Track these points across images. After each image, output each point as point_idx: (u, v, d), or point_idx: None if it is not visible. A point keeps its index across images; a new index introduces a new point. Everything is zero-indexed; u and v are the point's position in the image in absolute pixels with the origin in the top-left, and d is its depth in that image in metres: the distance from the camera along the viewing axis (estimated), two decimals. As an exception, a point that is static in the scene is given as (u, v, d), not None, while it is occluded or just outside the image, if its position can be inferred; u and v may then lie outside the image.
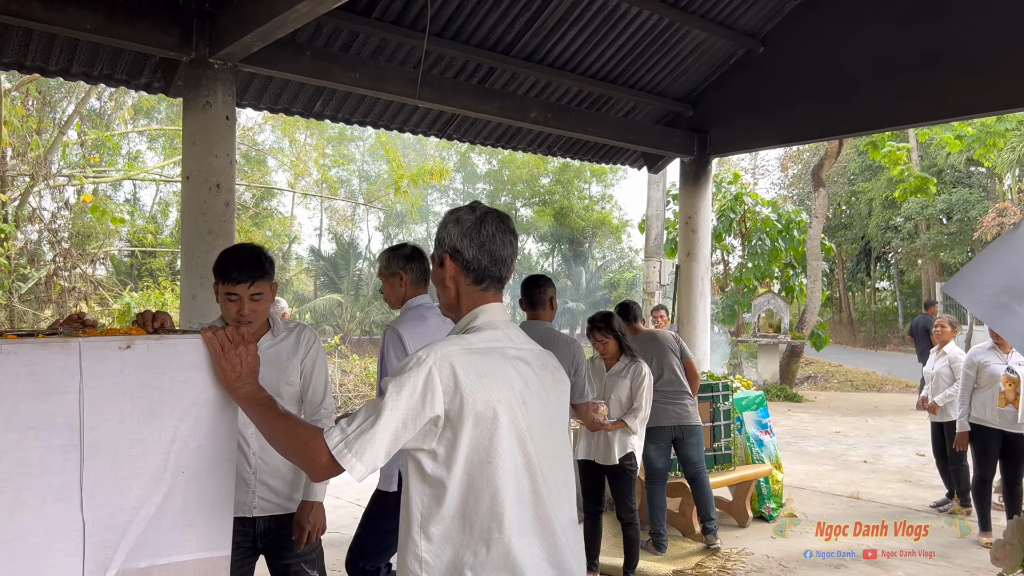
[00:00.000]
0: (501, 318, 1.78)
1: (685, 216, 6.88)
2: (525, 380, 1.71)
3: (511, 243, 1.80)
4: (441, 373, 1.62)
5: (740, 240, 18.30)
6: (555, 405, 1.77)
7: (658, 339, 5.44)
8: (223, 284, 2.61)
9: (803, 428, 11.70)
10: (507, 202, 47.31)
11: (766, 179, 39.17)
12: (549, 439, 1.73)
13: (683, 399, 5.27)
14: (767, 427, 6.45)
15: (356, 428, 1.59)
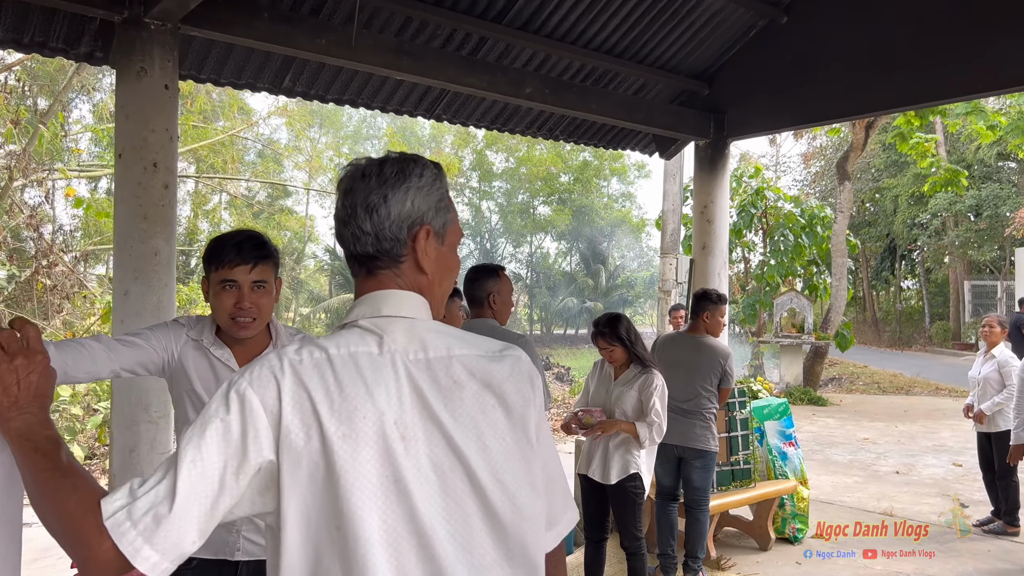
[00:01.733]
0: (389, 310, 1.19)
1: (700, 205, 6.25)
2: (418, 404, 1.12)
3: (344, 205, 1.23)
4: (264, 398, 1.06)
5: (762, 236, 17.59)
6: (492, 442, 1.14)
7: (710, 351, 4.74)
8: (217, 270, 2.14)
9: (829, 435, 11.01)
10: (524, 200, 46.75)
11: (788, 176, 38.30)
12: (466, 496, 1.11)
13: (693, 419, 4.64)
14: (791, 438, 5.82)
15: (147, 493, 1.01)
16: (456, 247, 1.32)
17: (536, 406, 1.21)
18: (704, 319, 4.81)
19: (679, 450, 4.65)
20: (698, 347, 4.75)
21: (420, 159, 1.25)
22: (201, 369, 2.19)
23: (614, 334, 4.09)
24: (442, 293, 1.29)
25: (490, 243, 46.93)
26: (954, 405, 13.95)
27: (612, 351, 4.11)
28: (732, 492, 5.28)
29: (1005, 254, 27.54)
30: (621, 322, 4.15)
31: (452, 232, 1.30)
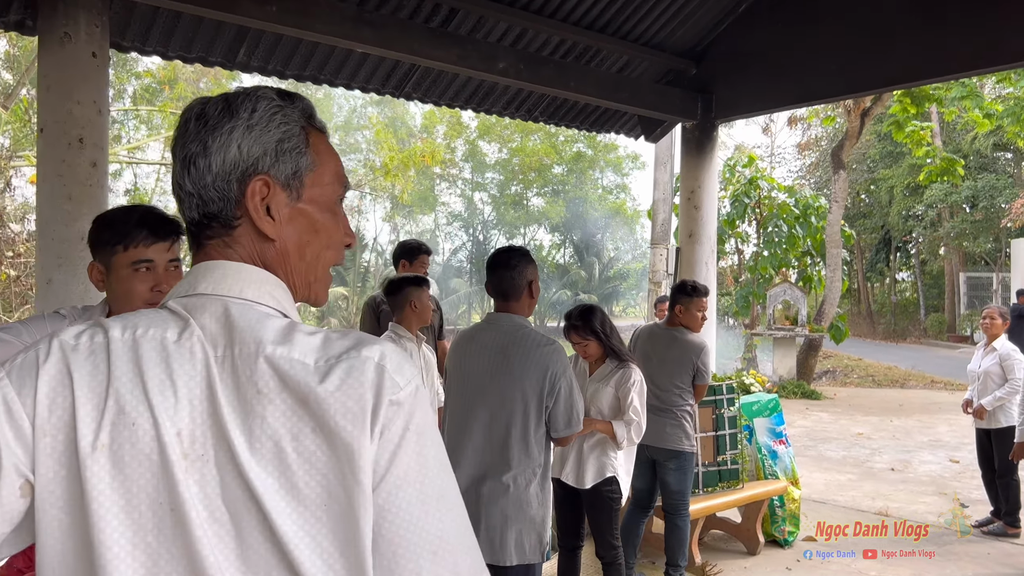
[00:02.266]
0: (206, 287, 0.87)
1: (687, 191, 5.93)
2: (211, 415, 0.80)
3: (173, 163, 0.92)
4: (21, 393, 0.80)
5: (755, 227, 17.30)
6: (303, 482, 0.81)
7: (683, 345, 4.42)
8: (126, 249, 1.84)
9: (822, 429, 10.72)
10: (518, 192, 46.42)
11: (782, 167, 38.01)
12: (264, 552, 0.78)
13: (664, 417, 4.33)
14: (782, 436, 5.51)
15: None
16: (332, 204, 0.98)
17: (382, 436, 0.84)
18: (677, 312, 4.50)
19: (651, 451, 4.35)
20: (672, 341, 4.44)
21: (258, 90, 0.92)
22: None
23: (588, 327, 3.77)
24: (309, 268, 0.96)
25: (483, 234, 46.57)
26: (950, 399, 13.70)
27: (586, 345, 3.80)
28: (719, 494, 4.97)
29: (1001, 245, 27.31)
30: (595, 314, 3.84)
31: (317, 183, 0.95)
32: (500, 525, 2.78)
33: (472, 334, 3.02)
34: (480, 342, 2.90)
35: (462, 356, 2.95)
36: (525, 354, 2.77)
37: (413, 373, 0.87)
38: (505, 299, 2.90)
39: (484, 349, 2.86)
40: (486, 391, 2.82)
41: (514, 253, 2.95)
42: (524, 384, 2.75)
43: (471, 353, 2.90)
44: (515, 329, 2.86)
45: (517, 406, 2.77)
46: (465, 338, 3.03)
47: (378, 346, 0.87)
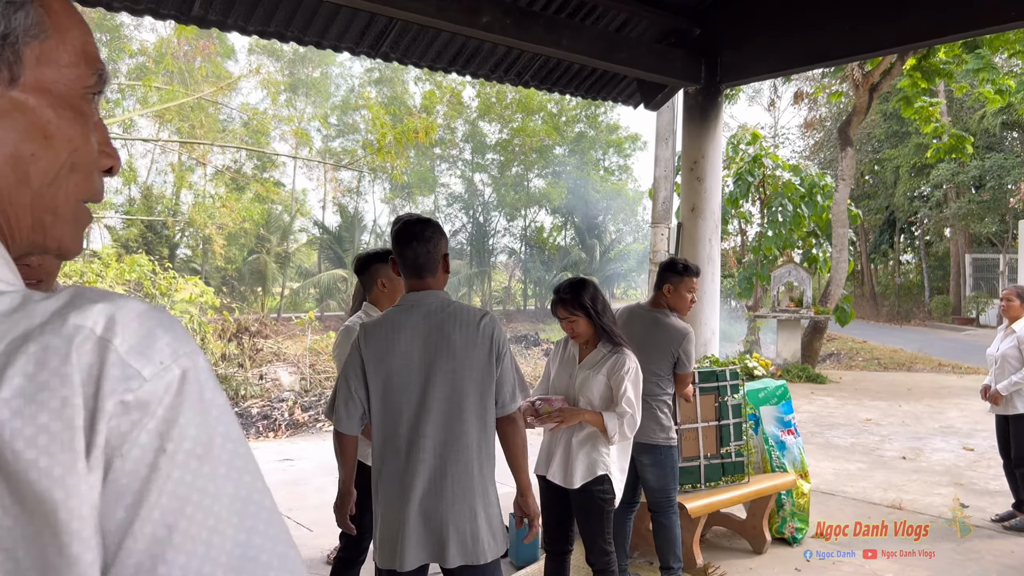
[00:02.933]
0: None
1: (689, 162, 5.49)
2: None
3: None
4: None
5: (759, 207, 16.84)
6: None
7: (666, 329, 3.96)
8: None
9: (828, 415, 10.34)
10: (518, 173, 45.96)
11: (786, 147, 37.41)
12: None
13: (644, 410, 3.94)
14: (791, 425, 5.12)
15: None
16: (75, 98, 0.61)
17: (112, 468, 0.48)
18: (665, 292, 4.04)
19: None
20: (654, 324, 4.00)
21: None
22: None
23: (576, 301, 3.36)
24: (37, 196, 0.59)
25: (483, 216, 46.10)
26: (959, 383, 13.31)
27: (574, 323, 3.38)
28: (722, 489, 4.59)
29: (1008, 226, 26.82)
30: (586, 288, 3.42)
31: (47, 60, 0.58)
32: (471, 522, 2.44)
33: (392, 321, 2.55)
34: (407, 328, 2.50)
35: (385, 350, 2.51)
36: (467, 327, 2.47)
37: (176, 349, 0.50)
38: (421, 275, 2.54)
39: (415, 334, 2.48)
40: (431, 381, 2.45)
41: (427, 225, 2.58)
42: (473, 361, 2.45)
43: (398, 343, 2.50)
44: (445, 305, 2.53)
45: (470, 387, 2.45)
46: (383, 327, 2.56)
47: (105, 305, 0.49)
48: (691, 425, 4.59)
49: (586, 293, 3.39)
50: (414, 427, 2.45)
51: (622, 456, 3.45)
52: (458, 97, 45.52)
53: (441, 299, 2.53)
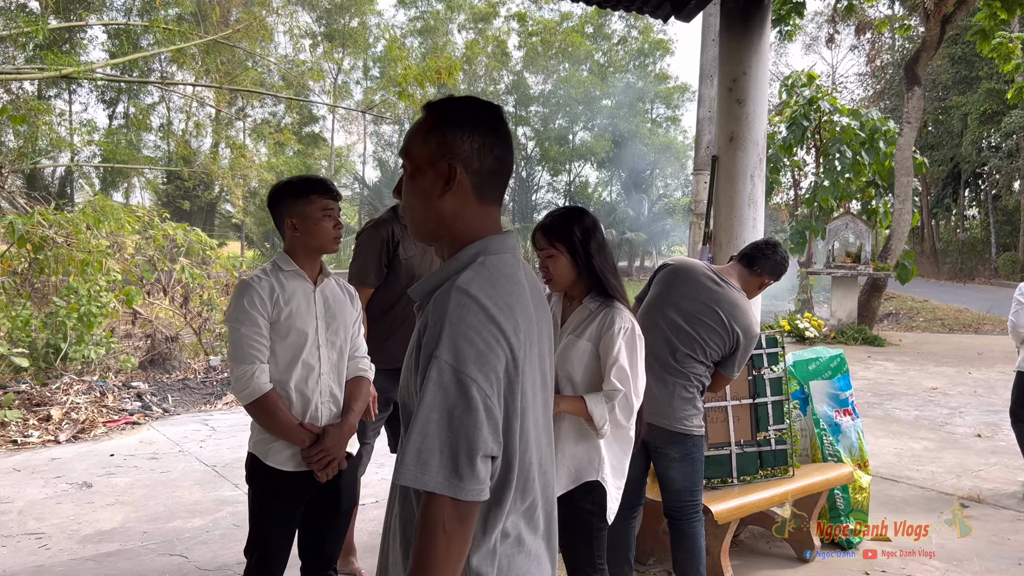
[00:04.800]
0: None
1: (728, 79, 4.49)
2: None
3: None
4: None
5: (815, 154, 15.53)
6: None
7: (732, 315, 3.08)
8: (321, 198, 2.40)
9: (888, 382, 9.27)
10: (562, 126, 44.67)
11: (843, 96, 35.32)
12: None
13: (672, 384, 3.06)
14: (848, 404, 4.16)
15: None
16: None
17: None
18: (754, 272, 3.24)
19: (643, 428, 3.09)
20: (719, 300, 3.09)
21: None
22: None
23: (559, 231, 2.46)
24: None
25: (526, 171, 44.96)
26: (1036, 347, 12.07)
27: (551, 260, 2.48)
28: (760, 485, 3.67)
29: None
30: (579, 218, 2.50)
31: None
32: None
33: (516, 278, 1.70)
34: (528, 288, 1.68)
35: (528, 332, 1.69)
36: None
37: None
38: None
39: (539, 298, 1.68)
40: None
41: None
42: None
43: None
44: None
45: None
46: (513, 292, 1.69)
47: None
48: (718, 404, 3.68)
49: (577, 224, 2.48)
50: None
51: (619, 454, 2.55)
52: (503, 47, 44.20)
53: None
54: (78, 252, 7.44)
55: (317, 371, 2.37)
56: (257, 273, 2.38)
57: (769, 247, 3.30)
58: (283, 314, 2.31)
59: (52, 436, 6.20)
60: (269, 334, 2.31)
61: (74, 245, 7.58)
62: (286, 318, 2.32)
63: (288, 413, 2.30)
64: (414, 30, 42.01)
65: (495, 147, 1.34)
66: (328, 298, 2.45)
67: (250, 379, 2.26)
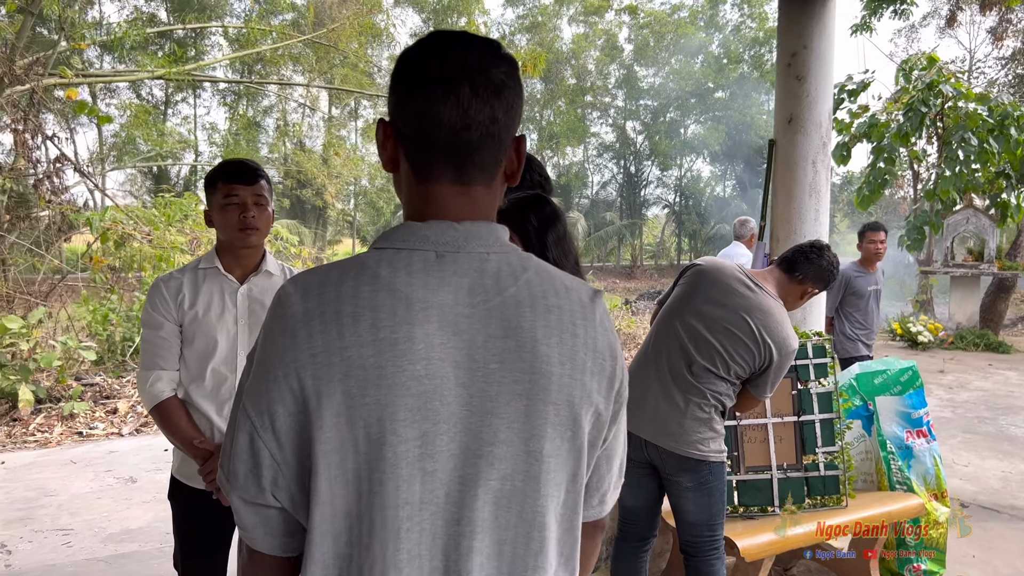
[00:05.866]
0: None
1: (786, 55, 3.99)
2: None
3: None
4: None
5: (937, 144, 14.31)
6: None
7: (770, 323, 2.66)
8: (226, 184, 2.10)
9: (1007, 394, 8.32)
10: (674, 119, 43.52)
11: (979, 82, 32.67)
12: None
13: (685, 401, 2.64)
14: (922, 423, 3.60)
15: None
16: None
17: None
18: (794, 278, 2.80)
19: (653, 451, 2.69)
20: (750, 308, 2.66)
21: None
22: None
23: (512, 219, 2.12)
24: None
25: (635, 166, 44.12)
26: None
27: None
28: (807, 515, 3.19)
29: None
30: (536, 206, 2.14)
31: None
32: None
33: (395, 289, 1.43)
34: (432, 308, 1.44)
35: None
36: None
37: None
38: (468, 178, 1.39)
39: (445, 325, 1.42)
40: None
41: (502, 61, 1.32)
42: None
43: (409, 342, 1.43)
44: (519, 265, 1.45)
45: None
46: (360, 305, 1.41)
47: None
48: (756, 421, 3.22)
49: (534, 212, 2.13)
50: None
51: None
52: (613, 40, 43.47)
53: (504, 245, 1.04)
54: (155, 247, 7.59)
55: (232, 382, 2.10)
56: (173, 272, 2.15)
57: (814, 250, 2.84)
58: (188, 318, 2.07)
59: (116, 429, 6.31)
60: (180, 338, 2.07)
61: (154, 240, 7.74)
62: (191, 322, 2.07)
63: (186, 426, 2.05)
64: (522, 27, 41.94)
65: (414, 98, 0.93)
66: (257, 299, 2.18)
67: (148, 386, 2.04)
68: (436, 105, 0.91)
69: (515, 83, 0.96)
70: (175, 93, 32.55)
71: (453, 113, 0.92)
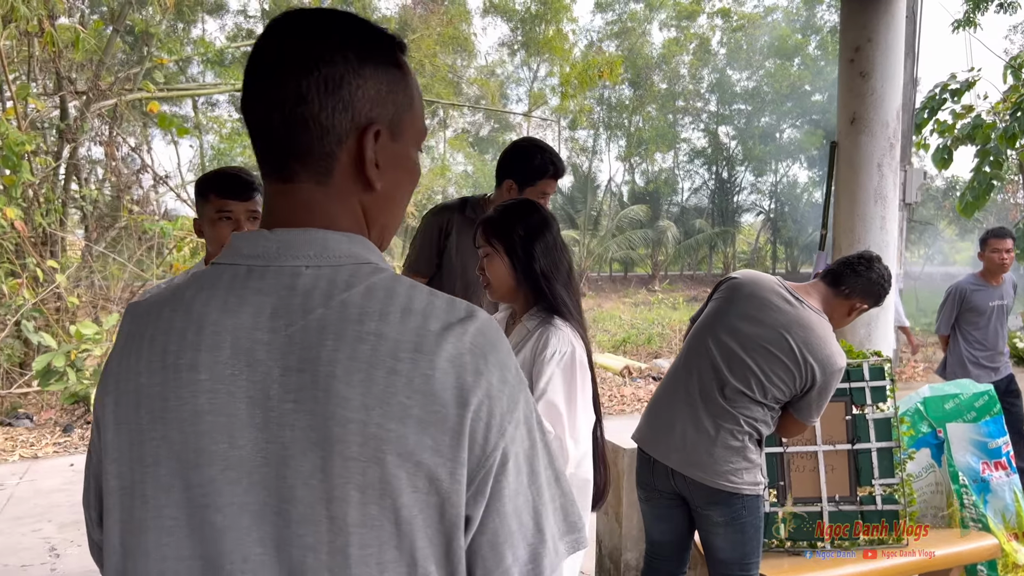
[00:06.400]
0: None
1: (849, 49, 3.68)
2: None
3: None
4: None
5: (1049, 145, 13.30)
6: None
7: (806, 345, 2.41)
8: (218, 198, 2.03)
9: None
10: (769, 123, 42.33)
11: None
12: None
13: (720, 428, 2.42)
14: (1001, 454, 3.24)
15: None
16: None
17: None
18: (839, 292, 2.56)
19: (680, 481, 2.47)
20: (789, 324, 2.42)
21: None
22: None
23: (499, 226, 1.98)
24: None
25: (727, 172, 43.08)
26: None
27: (489, 260, 2.00)
28: (863, 555, 2.91)
29: None
30: (525, 213, 1.99)
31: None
32: None
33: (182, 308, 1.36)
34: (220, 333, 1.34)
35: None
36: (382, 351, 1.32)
37: None
38: (287, 173, 1.28)
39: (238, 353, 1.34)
40: None
41: (324, 18, 1.23)
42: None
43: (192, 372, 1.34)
44: (345, 281, 1.37)
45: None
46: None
47: None
48: (805, 448, 2.95)
49: (522, 220, 1.98)
50: None
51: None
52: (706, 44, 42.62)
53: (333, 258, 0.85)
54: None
55: None
56: (161, 285, 2.09)
57: (862, 262, 2.58)
58: None
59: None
60: None
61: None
62: None
63: None
64: (610, 33, 41.63)
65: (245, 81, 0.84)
66: None
67: None
68: (247, 86, 0.81)
69: (345, 59, 0.79)
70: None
71: (256, 91, 0.80)
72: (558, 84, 12.90)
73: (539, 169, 2.66)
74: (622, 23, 41.61)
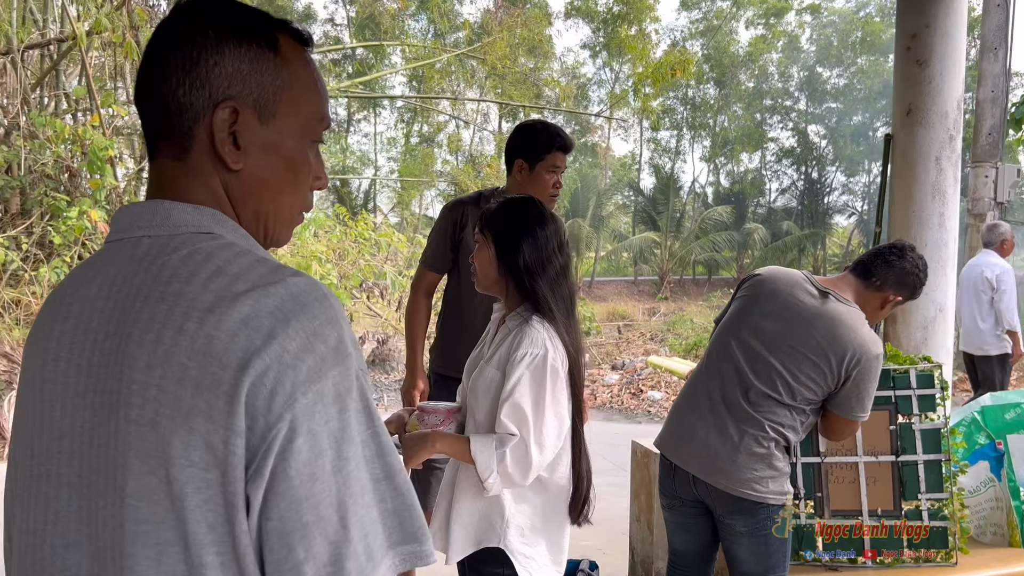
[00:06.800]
0: None
1: (906, 36, 3.47)
2: None
3: None
4: None
5: None
6: None
7: (834, 339, 2.27)
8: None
9: None
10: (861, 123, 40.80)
11: None
12: None
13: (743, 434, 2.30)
14: (1068, 469, 3.00)
15: None
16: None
17: None
18: (871, 284, 2.42)
19: (702, 488, 2.36)
20: (814, 318, 2.30)
21: None
22: None
23: (492, 218, 1.94)
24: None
25: (817, 172, 41.72)
26: None
27: (478, 249, 1.96)
28: (906, 571, 2.73)
29: None
30: (521, 207, 1.94)
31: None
32: None
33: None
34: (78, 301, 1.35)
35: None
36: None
37: None
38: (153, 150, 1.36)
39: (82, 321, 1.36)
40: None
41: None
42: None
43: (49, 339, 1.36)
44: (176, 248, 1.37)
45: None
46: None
47: None
48: (845, 459, 2.79)
49: (516, 214, 1.93)
50: None
51: (538, 516, 1.90)
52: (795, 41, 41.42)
53: (176, 226, 0.83)
54: (296, 257, 7.98)
55: None
56: None
57: (894, 252, 2.43)
58: None
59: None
60: None
61: (295, 251, 8.14)
62: None
63: None
64: (695, 32, 40.93)
65: None
66: None
67: None
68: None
69: (204, 36, 0.79)
70: (357, 111, 34.54)
71: (137, 75, 0.83)
72: (632, 85, 12.75)
73: (546, 143, 2.69)
74: (707, 21, 40.87)
